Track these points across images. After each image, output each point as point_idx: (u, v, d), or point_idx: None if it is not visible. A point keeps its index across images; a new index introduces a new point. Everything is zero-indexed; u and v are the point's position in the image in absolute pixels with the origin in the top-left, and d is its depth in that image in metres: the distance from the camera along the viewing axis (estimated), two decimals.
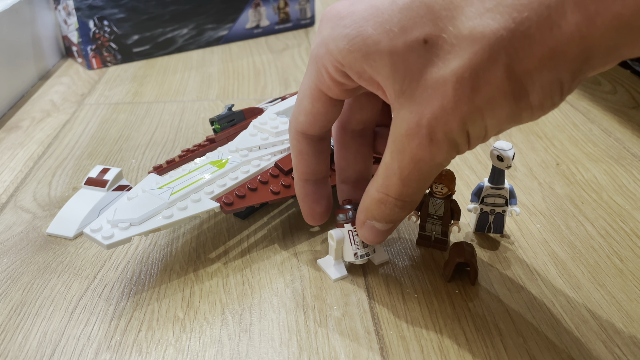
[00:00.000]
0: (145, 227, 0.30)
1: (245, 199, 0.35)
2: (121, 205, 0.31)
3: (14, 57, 0.65)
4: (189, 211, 0.32)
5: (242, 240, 0.38)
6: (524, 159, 0.49)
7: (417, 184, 0.27)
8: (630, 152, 0.50)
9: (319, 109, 0.29)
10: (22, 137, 0.55)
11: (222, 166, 0.35)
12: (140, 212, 0.30)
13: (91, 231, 0.29)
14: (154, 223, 0.31)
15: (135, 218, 0.30)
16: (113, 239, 0.29)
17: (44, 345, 0.30)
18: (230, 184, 0.35)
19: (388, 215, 0.29)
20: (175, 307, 0.32)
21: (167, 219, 0.31)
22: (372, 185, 0.29)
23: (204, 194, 0.33)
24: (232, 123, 0.43)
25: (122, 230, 0.30)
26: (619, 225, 0.39)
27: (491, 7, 0.22)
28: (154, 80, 0.69)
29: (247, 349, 0.30)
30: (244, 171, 0.36)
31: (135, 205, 0.31)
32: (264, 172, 0.37)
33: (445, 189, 0.35)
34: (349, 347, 0.29)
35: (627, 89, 0.64)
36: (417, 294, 0.33)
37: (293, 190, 0.37)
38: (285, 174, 0.37)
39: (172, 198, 0.32)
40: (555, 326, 0.31)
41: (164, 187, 0.33)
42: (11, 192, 0.45)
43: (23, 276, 0.35)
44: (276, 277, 0.35)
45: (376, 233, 0.31)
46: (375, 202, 0.29)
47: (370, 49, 0.24)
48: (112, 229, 0.29)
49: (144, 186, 0.34)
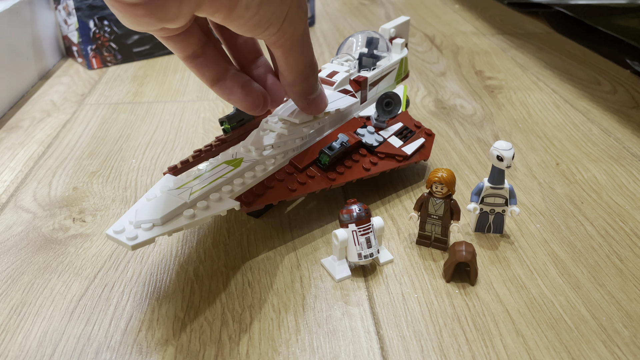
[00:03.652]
0: (169, 227, 0.30)
1: (264, 197, 0.35)
2: (142, 206, 0.31)
3: (14, 57, 0.65)
4: (211, 210, 0.32)
5: (242, 240, 0.38)
6: (524, 159, 0.49)
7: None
8: (630, 152, 0.50)
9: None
10: (23, 137, 0.55)
11: (237, 165, 0.35)
12: (162, 212, 0.31)
13: (114, 233, 0.29)
14: (177, 223, 0.31)
15: (157, 218, 0.30)
16: (137, 240, 0.29)
17: (44, 345, 0.30)
18: (248, 183, 0.35)
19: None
20: (175, 307, 0.32)
21: (189, 218, 0.31)
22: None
23: (224, 193, 0.34)
24: (241, 122, 0.43)
25: (146, 231, 0.30)
26: (618, 225, 0.39)
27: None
28: (154, 80, 0.69)
29: (247, 349, 0.30)
30: (259, 170, 0.36)
31: (156, 206, 0.31)
32: (279, 170, 0.37)
33: (445, 189, 0.35)
34: (349, 347, 0.29)
35: (627, 89, 0.64)
36: (417, 294, 0.33)
37: (310, 187, 0.37)
38: (300, 171, 0.38)
39: (192, 197, 0.32)
40: (555, 326, 0.31)
41: (182, 187, 0.33)
42: (11, 192, 0.45)
43: (23, 276, 0.35)
44: (276, 277, 0.35)
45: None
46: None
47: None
48: (136, 230, 0.30)
49: (162, 187, 0.34)
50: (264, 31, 0.30)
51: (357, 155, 0.40)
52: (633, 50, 0.74)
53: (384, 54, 0.47)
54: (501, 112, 0.58)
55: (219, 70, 0.35)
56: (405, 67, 0.50)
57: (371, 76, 0.45)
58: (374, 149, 0.41)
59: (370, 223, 0.34)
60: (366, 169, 0.40)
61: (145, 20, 0.25)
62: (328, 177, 0.38)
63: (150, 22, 0.25)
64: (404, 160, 0.42)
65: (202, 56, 0.34)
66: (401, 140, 0.43)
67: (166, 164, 0.49)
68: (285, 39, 0.31)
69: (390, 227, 0.39)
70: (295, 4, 0.30)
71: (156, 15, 0.25)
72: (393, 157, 0.42)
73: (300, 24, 0.31)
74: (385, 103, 0.43)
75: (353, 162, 0.40)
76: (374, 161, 0.41)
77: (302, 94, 0.36)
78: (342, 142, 0.39)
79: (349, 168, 0.39)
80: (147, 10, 0.25)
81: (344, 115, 0.43)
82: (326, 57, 0.77)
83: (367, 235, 0.34)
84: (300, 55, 0.33)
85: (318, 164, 0.39)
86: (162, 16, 0.25)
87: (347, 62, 0.45)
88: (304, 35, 0.32)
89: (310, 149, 0.39)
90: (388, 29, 0.49)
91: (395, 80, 0.49)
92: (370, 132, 0.42)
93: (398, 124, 0.44)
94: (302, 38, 0.32)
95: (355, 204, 0.34)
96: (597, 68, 0.70)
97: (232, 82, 0.35)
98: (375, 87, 0.46)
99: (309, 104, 0.37)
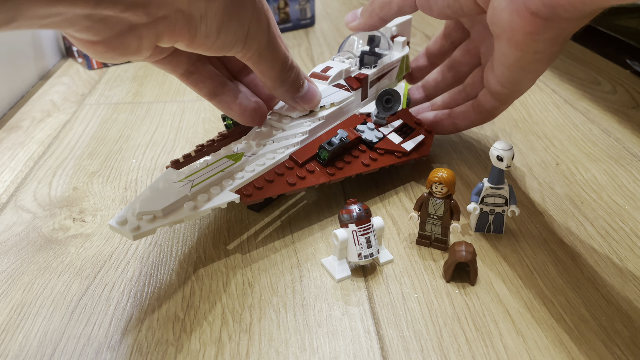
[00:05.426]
0: (170, 218, 0.31)
1: (263, 191, 0.35)
2: (144, 198, 0.32)
3: (14, 57, 0.65)
4: (211, 203, 0.33)
5: (242, 240, 0.38)
6: (523, 158, 0.49)
7: None
8: (630, 152, 0.50)
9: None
10: (23, 137, 0.55)
11: (238, 159, 0.36)
12: (163, 204, 0.31)
13: (117, 224, 0.30)
14: (179, 215, 0.32)
15: (159, 210, 0.31)
16: (140, 231, 0.30)
17: (44, 345, 0.30)
18: (248, 177, 0.35)
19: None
20: (175, 307, 0.32)
21: (190, 210, 0.32)
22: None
23: (224, 186, 0.34)
24: None
25: (148, 223, 0.30)
26: (618, 225, 0.39)
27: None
28: (154, 80, 0.69)
29: (247, 349, 0.30)
30: (259, 164, 0.36)
31: (158, 198, 0.32)
32: (279, 165, 0.37)
33: (445, 189, 0.35)
34: (349, 347, 0.29)
35: (627, 89, 0.64)
36: (417, 294, 0.33)
37: (309, 181, 0.37)
38: (300, 166, 0.38)
39: (193, 190, 0.32)
40: (555, 326, 0.31)
41: (184, 180, 0.33)
42: (11, 192, 0.45)
43: (23, 276, 0.35)
44: (276, 276, 0.35)
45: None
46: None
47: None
48: (138, 221, 0.30)
49: (164, 180, 0.34)
50: (229, 51, 0.31)
51: (356, 151, 0.41)
52: (633, 50, 0.74)
53: (386, 52, 0.47)
54: None
55: (214, 84, 0.36)
56: (407, 65, 0.50)
57: (372, 74, 0.45)
58: (373, 145, 0.41)
59: (370, 223, 0.34)
60: (365, 165, 0.40)
61: (108, 55, 0.26)
62: (327, 172, 0.38)
63: (113, 56, 0.26)
64: (403, 156, 0.42)
65: (195, 73, 0.35)
66: (401, 137, 0.43)
67: (166, 164, 0.49)
68: (252, 52, 0.33)
69: (390, 227, 0.39)
70: (255, 19, 0.31)
71: (117, 51, 0.26)
72: (392, 153, 0.42)
73: (262, 37, 0.33)
74: (385, 100, 0.43)
75: (352, 157, 0.40)
76: (373, 157, 0.41)
77: (287, 94, 0.38)
78: (341, 137, 0.39)
79: (349, 163, 0.40)
80: (107, 47, 0.26)
81: (345, 112, 0.43)
82: (326, 57, 0.77)
83: (367, 235, 0.34)
84: (270, 62, 0.35)
85: (318, 159, 0.39)
86: (123, 51, 0.26)
87: (348, 60, 0.46)
88: (269, 45, 0.33)
89: (310, 145, 0.39)
90: (389, 27, 0.49)
91: (397, 78, 0.50)
92: (370, 129, 0.43)
93: (398, 121, 0.44)
94: (267, 47, 0.33)
95: (355, 204, 0.34)
96: (597, 68, 0.70)
97: (229, 97, 0.37)
98: (376, 84, 0.47)
99: (297, 102, 0.39)
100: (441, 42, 0.49)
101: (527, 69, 0.37)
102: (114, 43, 0.25)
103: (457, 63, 0.48)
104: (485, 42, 0.44)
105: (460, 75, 0.48)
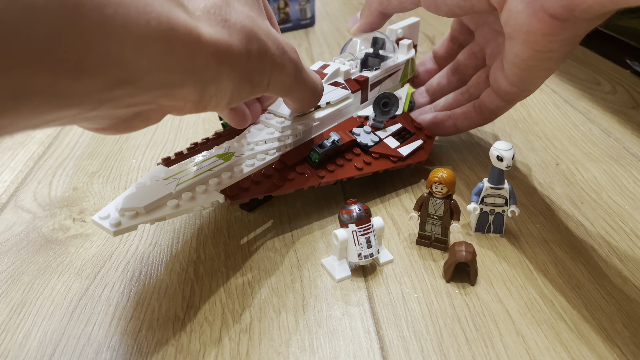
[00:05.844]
0: (152, 216, 0.31)
1: (249, 192, 0.35)
2: (129, 195, 0.32)
3: None
4: (195, 202, 0.33)
5: (242, 240, 0.38)
6: (523, 159, 0.49)
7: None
8: (630, 152, 0.50)
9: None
10: (23, 136, 0.55)
11: (228, 159, 0.36)
12: (147, 201, 0.31)
13: (99, 218, 0.30)
14: (160, 212, 0.32)
15: (141, 207, 0.31)
16: (120, 227, 0.30)
17: (44, 345, 0.30)
18: (236, 177, 0.35)
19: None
20: (175, 307, 0.32)
21: (173, 208, 0.32)
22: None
23: (210, 185, 0.34)
24: None
25: (129, 219, 0.31)
26: (618, 225, 0.39)
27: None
28: None
29: (247, 349, 0.30)
30: (249, 164, 0.36)
31: (142, 195, 0.32)
32: (268, 166, 0.37)
33: (445, 189, 0.35)
34: (349, 347, 0.29)
35: (627, 89, 0.64)
36: (417, 294, 0.33)
37: (296, 183, 0.37)
38: (289, 167, 0.38)
39: (178, 188, 0.33)
40: (555, 326, 0.31)
41: (171, 178, 0.33)
42: (11, 192, 0.45)
43: (23, 276, 0.35)
44: (276, 276, 0.35)
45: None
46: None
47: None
48: (120, 217, 0.30)
49: (152, 177, 0.34)
50: (248, 99, 0.30)
51: (350, 154, 0.41)
52: (633, 50, 0.74)
53: (390, 54, 0.47)
54: None
55: None
56: (412, 68, 0.50)
57: (372, 76, 0.45)
58: (368, 148, 0.41)
59: (370, 223, 0.34)
60: (358, 168, 0.40)
61: (117, 134, 0.27)
62: (317, 175, 0.38)
63: (122, 134, 0.27)
64: (399, 161, 0.42)
65: None
66: (398, 141, 0.43)
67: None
68: (277, 92, 0.32)
69: (390, 227, 0.39)
70: (277, 71, 0.30)
71: (125, 132, 0.26)
72: (387, 157, 0.42)
73: (287, 80, 0.31)
74: (382, 103, 0.43)
75: (345, 160, 0.40)
76: (367, 161, 0.41)
77: (303, 110, 0.39)
78: (333, 140, 0.39)
79: (341, 166, 0.40)
80: (115, 131, 0.26)
81: (342, 114, 0.43)
82: (326, 57, 0.77)
83: (367, 235, 0.34)
84: (300, 93, 0.34)
85: (308, 162, 0.39)
86: (131, 131, 0.26)
87: (349, 62, 0.46)
88: (296, 81, 0.32)
89: (302, 146, 0.39)
90: (395, 29, 0.49)
91: (401, 81, 0.49)
92: (367, 132, 0.42)
93: (397, 125, 0.44)
94: (294, 84, 0.32)
95: (355, 204, 0.34)
96: (597, 68, 0.70)
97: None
98: (378, 87, 0.46)
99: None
100: (448, 45, 0.49)
101: (540, 67, 0.37)
102: (121, 127, 0.25)
103: (462, 66, 0.48)
104: (490, 44, 0.44)
105: (465, 78, 0.48)
